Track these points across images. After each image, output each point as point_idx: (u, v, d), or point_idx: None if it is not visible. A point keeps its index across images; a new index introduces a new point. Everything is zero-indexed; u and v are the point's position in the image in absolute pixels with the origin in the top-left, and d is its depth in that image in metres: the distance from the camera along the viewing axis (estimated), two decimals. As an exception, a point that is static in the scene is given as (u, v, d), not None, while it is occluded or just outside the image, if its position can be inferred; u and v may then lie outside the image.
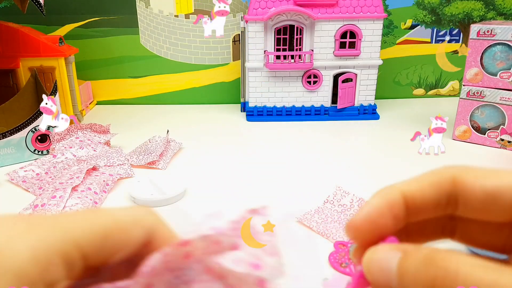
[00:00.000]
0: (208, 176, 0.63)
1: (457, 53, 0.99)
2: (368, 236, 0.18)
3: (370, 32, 0.82)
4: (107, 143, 0.72)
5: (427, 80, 1.01)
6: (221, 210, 0.53)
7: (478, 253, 0.17)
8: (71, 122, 0.68)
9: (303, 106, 0.87)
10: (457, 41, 0.99)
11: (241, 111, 0.93)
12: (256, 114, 0.87)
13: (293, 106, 0.87)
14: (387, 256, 0.17)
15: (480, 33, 0.70)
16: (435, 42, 0.98)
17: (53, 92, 0.69)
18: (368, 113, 0.88)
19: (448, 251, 0.15)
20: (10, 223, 0.15)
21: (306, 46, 0.83)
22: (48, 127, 0.69)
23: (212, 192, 0.58)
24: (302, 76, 0.85)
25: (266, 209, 0.19)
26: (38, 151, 0.69)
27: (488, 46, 0.70)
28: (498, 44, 0.69)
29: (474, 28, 0.71)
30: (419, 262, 0.16)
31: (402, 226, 0.19)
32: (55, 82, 0.71)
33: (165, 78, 0.99)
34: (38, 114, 0.68)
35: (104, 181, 0.59)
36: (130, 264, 0.17)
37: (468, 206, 0.18)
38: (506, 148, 0.72)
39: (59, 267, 0.14)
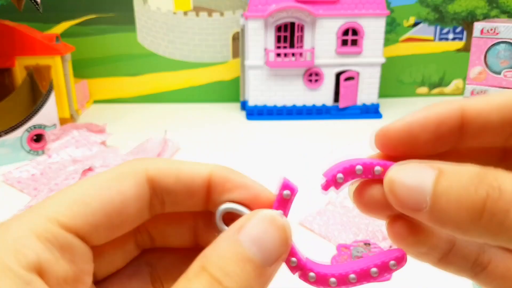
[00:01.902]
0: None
1: (461, 51, 0.99)
2: (398, 150, 0.16)
3: (373, 29, 0.81)
4: (103, 143, 0.71)
5: (431, 79, 1.00)
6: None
7: None
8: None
9: (304, 105, 0.86)
10: (461, 39, 0.98)
11: (241, 110, 0.93)
12: (256, 113, 0.86)
13: (294, 105, 0.86)
14: (419, 173, 0.14)
15: (484, 31, 0.69)
16: (438, 40, 0.98)
17: (49, 91, 0.68)
18: (371, 112, 0.87)
19: (500, 170, 0.13)
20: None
21: (307, 44, 0.82)
22: (44, 127, 0.68)
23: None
24: (303, 74, 0.84)
25: None
26: (34, 151, 0.68)
27: (492, 45, 0.69)
28: (502, 42, 0.69)
29: (477, 26, 0.70)
30: (466, 180, 0.13)
31: (445, 151, 0.16)
32: (51, 81, 0.70)
33: (163, 76, 0.98)
34: (34, 113, 0.67)
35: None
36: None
37: None
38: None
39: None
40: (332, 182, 0.17)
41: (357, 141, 0.77)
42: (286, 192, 0.16)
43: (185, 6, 0.93)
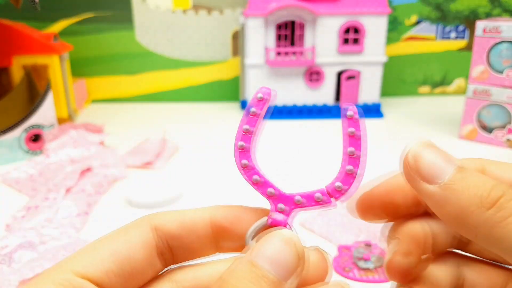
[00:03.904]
0: (206, 176, 0.62)
1: (463, 50, 0.98)
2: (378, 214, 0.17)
3: (374, 28, 0.81)
4: (102, 143, 0.71)
5: (433, 78, 0.99)
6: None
7: None
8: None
9: (305, 104, 0.86)
10: (463, 38, 0.98)
11: (241, 109, 0.92)
12: (256, 112, 0.86)
13: (295, 104, 0.86)
14: (445, 158, 0.15)
15: (486, 30, 0.69)
16: (440, 39, 0.97)
17: (47, 91, 0.68)
18: (372, 111, 0.86)
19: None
20: None
21: (308, 42, 0.82)
22: (42, 127, 0.68)
23: (210, 194, 0.57)
24: (304, 74, 0.84)
25: None
26: (32, 151, 0.68)
27: (495, 44, 0.69)
28: (505, 41, 0.68)
29: (479, 25, 0.69)
30: (485, 179, 0.15)
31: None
32: (49, 81, 0.69)
33: (162, 75, 0.97)
34: (32, 113, 0.67)
35: (98, 182, 0.58)
36: None
37: None
38: (513, 148, 0.70)
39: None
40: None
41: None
42: (260, 95, 0.17)
43: (184, 4, 0.93)
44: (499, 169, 0.17)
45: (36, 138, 0.68)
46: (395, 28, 0.96)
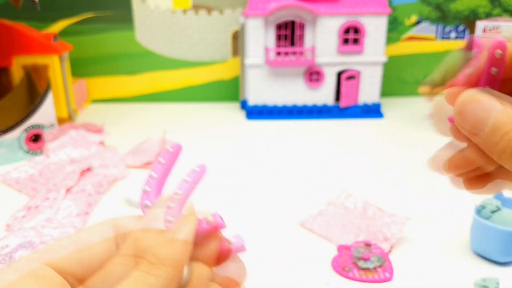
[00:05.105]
0: (206, 176, 0.61)
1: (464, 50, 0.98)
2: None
3: (374, 28, 0.81)
4: (102, 143, 0.71)
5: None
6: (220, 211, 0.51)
7: None
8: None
9: (305, 104, 0.85)
10: (463, 38, 0.98)
11: (241, 109, 0.92)
12: (256, 112, 0.85)
13: (295, 104, 0.85)
14: (490, 102, 0.17)
15: (486, 30, 0.69)
16: (440, 39, 0.97)
17: (47, 91, 0.68)
18: (372, 111, 0.86)
19: None
20: None
21: (308, 42, 0.81)
22: (42, 127, 0.68)
23: (211, 194, 0.56)
24: (304, 74, 0.84)
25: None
26: (32, 151, 0.68)
27: (495, 43, 0.69)
28: (505, 41, 0.68)
29: (479, 25, 0.69)
30: None
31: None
32: (49, 81, 0.69)
33: (162, 75, 0.97)
34: (32, 113, 0.67)
35: (98, 182, 0.58)
36: None
37: None
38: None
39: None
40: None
41: (358, 141, 0.76)
42: (170, 148, 0.20)
43: (184, 4, 0.92)
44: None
45: (36, 138, 0.68)
46: (395, 28, 0.96)
